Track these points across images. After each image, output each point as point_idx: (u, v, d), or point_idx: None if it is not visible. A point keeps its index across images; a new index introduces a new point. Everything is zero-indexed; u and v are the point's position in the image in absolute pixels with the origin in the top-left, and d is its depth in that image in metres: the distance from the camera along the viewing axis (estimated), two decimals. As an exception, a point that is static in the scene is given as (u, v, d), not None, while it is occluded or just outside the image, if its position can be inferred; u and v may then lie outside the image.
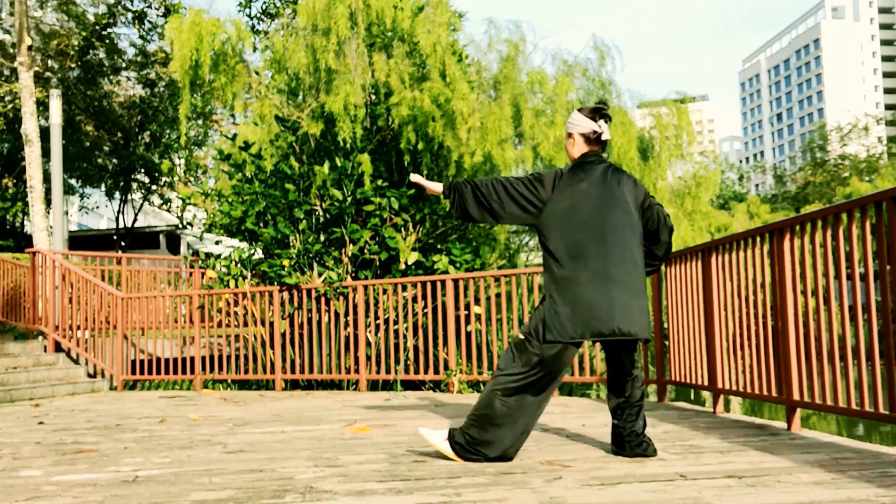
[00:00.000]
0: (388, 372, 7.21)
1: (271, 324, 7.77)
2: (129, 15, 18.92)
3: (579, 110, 3.37)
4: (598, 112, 3.31)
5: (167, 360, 8.62)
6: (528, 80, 9.85)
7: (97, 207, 32.27)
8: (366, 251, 8.33)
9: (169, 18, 9.52)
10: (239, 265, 8.35)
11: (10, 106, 18.29)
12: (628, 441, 3.27)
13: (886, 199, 3.11)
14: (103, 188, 24.39)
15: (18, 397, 7.13)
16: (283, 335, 7.77)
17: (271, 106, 9.33)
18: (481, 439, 3.17)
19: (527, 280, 6.60)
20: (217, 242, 8.82)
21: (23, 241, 21.21)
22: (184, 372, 8.44)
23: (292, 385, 8.15)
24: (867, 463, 2.97)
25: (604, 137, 3.32)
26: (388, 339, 7.41)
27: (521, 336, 3.18)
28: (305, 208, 8.55)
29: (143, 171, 23.76)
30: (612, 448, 3.38)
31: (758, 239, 4.17)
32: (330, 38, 8.80)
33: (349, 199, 8.38)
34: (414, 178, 3.48)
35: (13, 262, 10.42)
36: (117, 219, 24.33)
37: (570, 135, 3.37)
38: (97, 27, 19.02)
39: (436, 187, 3.43)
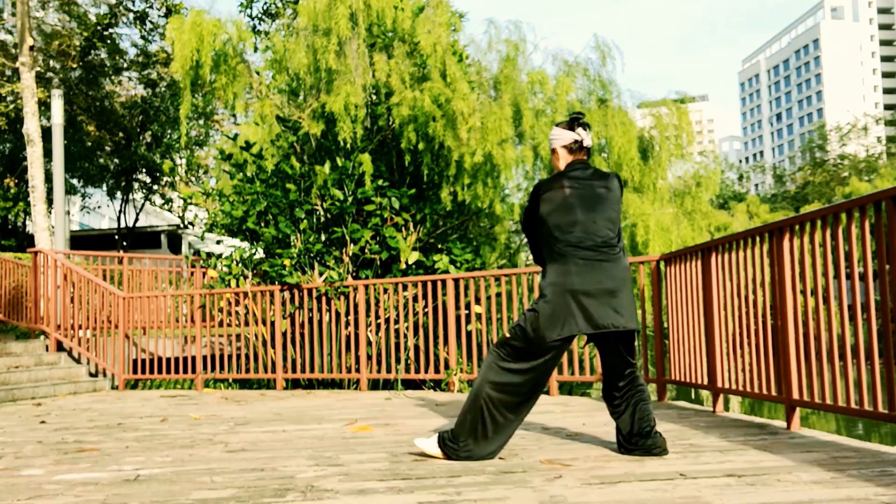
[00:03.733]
0: (388, 371, 7.23)
1: (272, 323, 7.79)
2: (131, 15, 18.93)
3: (557, 125, 3.47)
4: (576, 121, 3.41)
5: (169, 360, 8.64)
6: (529, 80, 9.86)
7: (99, 207, 32.31)
8: (367, 251, 8.34)
9: (170, 19, 9.53)
10: (240, 265, 8.36)
11: (11, 106, 18.33)
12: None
13: (886, 198, 3.12)
14: (105, 188, 24.44)
15: (20, 396, 7.15)
16: (285, 334, 7.78)
17: (272, 106, 9.34)
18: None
19: (527, 280, 6.61)
20: (218, 242, 8.83)
21: (25, 241, 21.26)
22: (185, 371, 8.45)
23: (293, 384, 8.16)
24: (867, 462, 2.98)
25: (585, 144, 3.40)
26: (388, 338, 7.43)
27: (508, 335, 3.28)
28: (306, 208, 8.56)
29: (144, 170, 23.80)
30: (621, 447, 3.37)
31: (757, 238, 4.18)
32: (331, 39, 8.81)
33: (350, 199, 8.39)
34: None
35: (15, 261, 10.43)
36: (119, 218, 24.37)
37: (553, 150, 3.47)
38: (99, 27, 19.04)
39: None
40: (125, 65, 21.29)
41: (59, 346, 8.70)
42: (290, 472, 3.15)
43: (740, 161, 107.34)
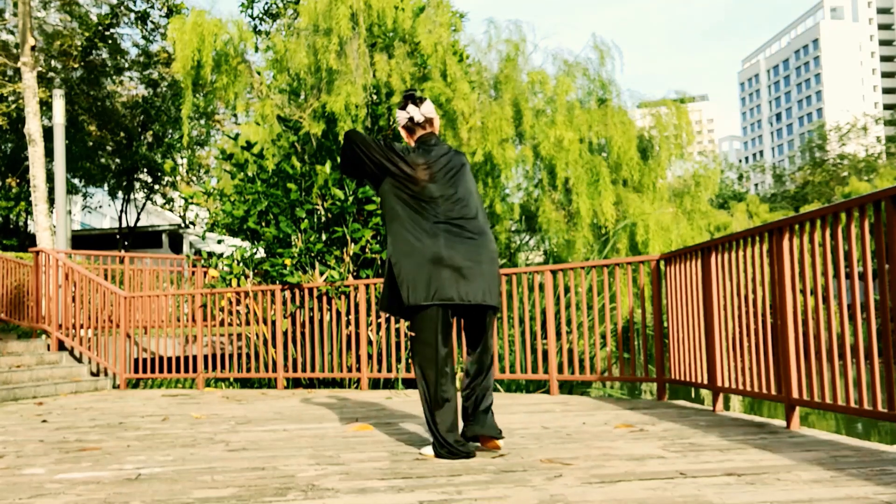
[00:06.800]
0: (389, 370, 7.24)
1: (273, 322, 7.80)
2: (132, 15, 18.96)
3: (396, 106, 3.57)
4: (408, 99, 3.45)
5: (170, 359, 8.65)
6: (529, 80, 9.89)
7: (100, 207, 32.32)
8: (367, 250, 8.35)
9: (171, 19, 9.55)
10: (241, 264, 8.37)
11: (13, 106, 18.35)
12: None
13: (885, 198, 3.13)
14: (106, 188, 24.47)
15: (22, 395, 7.16)
16: (285, 334, 7.79)
17: (273, 106, 9.36)
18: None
19: (527, 279, 6.61)
20: (219, 241, 8.84)
21: (26, 241, 21.28)
22: (186, 370, 8.46)
23: (294, 383, 8.17)
24: (866, 461, 2.99)
25: (417, 119, 3.41)
26: (389, 337, 7.44)
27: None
28: (307, 207, 8.57)
29: (145, 170, 23.84)
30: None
31: (757, 238, 4.19)
32: (331, 39, 8.83)
33: (351, 199, 8.40)
34: None
35: (17, 261, 10.44)
36: (120, 218, 24.40)
37: (400, 132, 3.60)
38: (100, 27, 19.06)
39: None
40: (126, 65, 21.33)
41: (61, 346, 8.71)
42: (290, 470, 3.16)
43: (740, 161, 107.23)
